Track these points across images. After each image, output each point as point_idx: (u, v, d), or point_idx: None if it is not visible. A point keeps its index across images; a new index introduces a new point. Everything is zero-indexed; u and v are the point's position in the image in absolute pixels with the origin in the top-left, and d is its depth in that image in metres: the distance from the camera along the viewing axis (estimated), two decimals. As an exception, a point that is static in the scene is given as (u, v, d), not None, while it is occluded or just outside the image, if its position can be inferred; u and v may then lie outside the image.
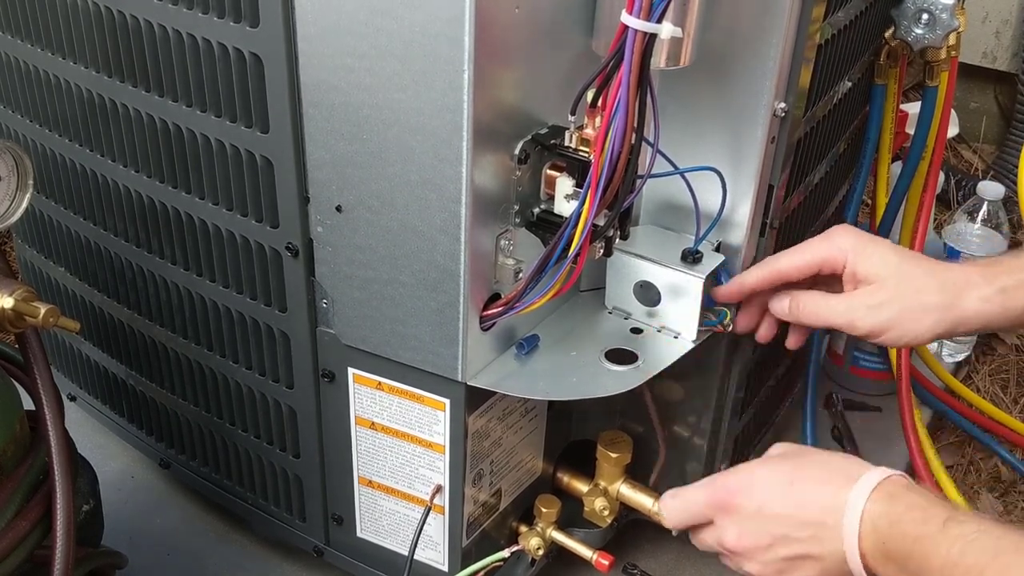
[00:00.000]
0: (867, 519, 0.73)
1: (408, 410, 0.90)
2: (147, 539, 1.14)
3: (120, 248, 1.02)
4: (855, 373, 1.43)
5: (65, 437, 0.81)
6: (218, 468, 1.10)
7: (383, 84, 0.75)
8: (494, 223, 0.80)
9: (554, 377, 0.87)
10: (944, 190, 1.97)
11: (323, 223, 0.84)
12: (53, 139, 1.02)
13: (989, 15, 2.11)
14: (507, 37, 0.73)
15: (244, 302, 0.93)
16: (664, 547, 1.15)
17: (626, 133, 0.73)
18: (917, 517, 0.71)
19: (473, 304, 0.81)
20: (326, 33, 0.75)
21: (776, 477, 0.80)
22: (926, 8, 1.05)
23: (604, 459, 1.01)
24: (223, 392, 1.02)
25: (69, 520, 0.78)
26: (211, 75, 0.83)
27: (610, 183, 0.75)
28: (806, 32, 0.84)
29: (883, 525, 0.72)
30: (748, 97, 0.85)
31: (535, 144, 0.79)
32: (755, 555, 0.80)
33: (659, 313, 0.92)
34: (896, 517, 0.72)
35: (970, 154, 2.23)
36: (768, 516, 0.78)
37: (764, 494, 0.79)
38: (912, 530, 0.71)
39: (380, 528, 1.00)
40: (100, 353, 1.15)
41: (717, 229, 0.90)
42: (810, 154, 0.99)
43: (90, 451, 0.96)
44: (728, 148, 0.87)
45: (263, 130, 0.82)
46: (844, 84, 1.03)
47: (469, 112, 0.72)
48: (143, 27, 0.85)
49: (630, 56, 0.70)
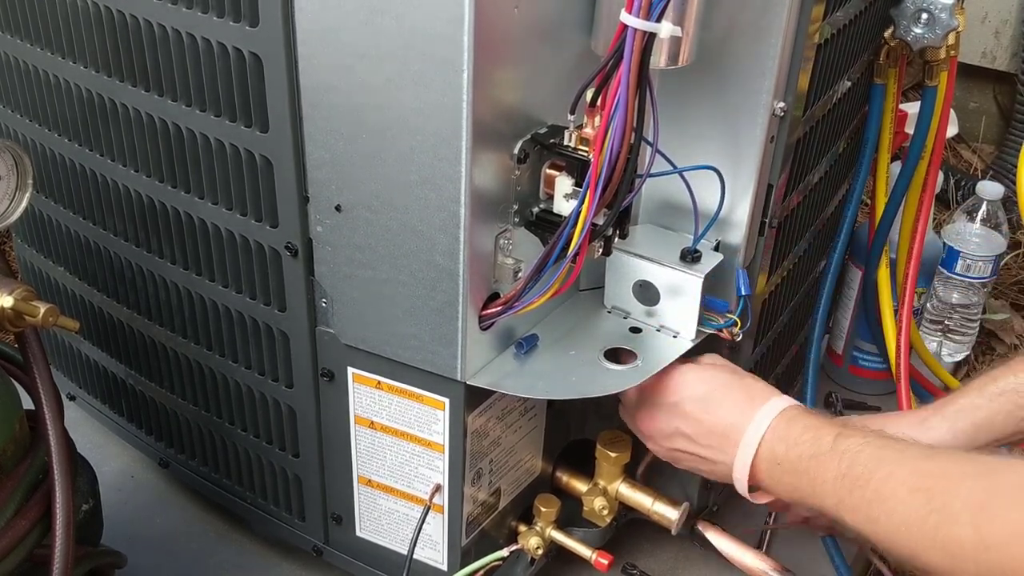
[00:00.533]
0: (765, 443, 0.82)
1: (407, 409, 0.90)
2: (146, 538, 1.14)
3: (120, 248, 1.02)
4: (854, 373, 1.43)
5: (65, 437, 0.81)
6: (217, 468, 1.10)
7: (383, 84, 0.75)
8: (493, 222, 0.80)
9: (553, 376, 0.87)
10: (943, 190, 1.97)
11: (322, 223, 0.84)
12: (52, 138, 1.02)
13: (989, 15, 2.11)
14: (506, 37, 0.73)
15: (244, 301, 0.93)
16: (663, 547, 1.16)
17: (625, 132, 0.73)
18: (810, 438, 0.79)
19: (472, 303, 0.81)
20: (326, 33, 0.76)
21: (700, 384, 0.88)
22: (925, 8, 1.05)
23: (603, 458, 1.01)
24: (223, 391, 1.02)
25: (68, 519, 0.78)
26: (211, 75, 0.83)
27: (609, 182, 0.75)
28: (805, 32, 0.84)
29: (780, 449, 0.81)
30: (747, 96, 0.85)
31: (534, 143, 0.79)
32: (657, 439, 0.91)
33: (658, 312, 0.92)
34: (793, 440, 0.80)
35: (969, 154, 2.23)
36: (679, 413, 0.88)
37: (684, 393, 0.88)
38: (807, 450, 0.79)
39: (379, 527, 1.00)
40: (100, 353, 1.16)
41: (716, 228, 0.91)
42: (809, 153, 0.99)
43: (89, 451, 0.96)
44: (727, 147, 0.88)
45: (263, 130, 0.82)
46: (843, 84, 1.03)
47: (468, 112, 0.72)
48: (143, 26, 0.85)
49: (629, 55, 0.70)
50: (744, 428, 0.83)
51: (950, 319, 1.46)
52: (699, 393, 0.87)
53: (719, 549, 1.06)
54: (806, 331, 1.25)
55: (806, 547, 1.18)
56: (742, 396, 0.86)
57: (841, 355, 1.43)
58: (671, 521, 1.01)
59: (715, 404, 0.86)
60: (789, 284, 1.09)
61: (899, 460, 0.73)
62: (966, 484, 0.68)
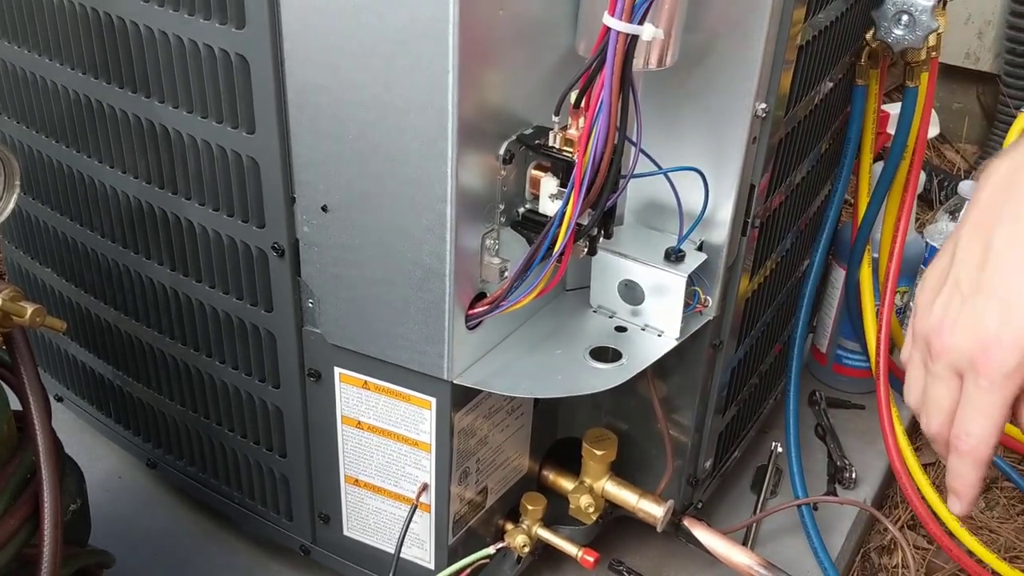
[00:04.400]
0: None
1: (394, 409, 0.91)
2: (134, 538, 1.14)
3: (107, 249, 1.02)
4: (838, 371, 1.44)
5: (52, 437, 0.81)
6: (205, 468, 1.10)
7: (369, 85, 0.75)
8: (479, 222, 0.80)
9: (539, 375, 0.88)
10: (927, 190, 1.98)
11: (309, 223, 0.84)
12: (40, 140, 1.03)
13: (972, 16, 2.12)
14: (492, 38, 0.74)
15: (230, 302, 0.94)
16: (649, 544, 1.16)
17: (609, 133, 0.74)
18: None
19: (459, 303, 0.82)
20: (311, 34, 0.76)
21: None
22: (906, 10, 1.06)
23: (589, 456, 1.02)
24: (209, 392, 1.02)
25: (56, 519, 0.79)
26: (197, 76, 0.83)
27: (593, 183, 0.76)
28: (787, 33, 0.85)
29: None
30: (729, 98, 0.86)
31: (520, 144, 0.80)
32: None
33: (643, 311, 0.93)
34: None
35: (953, 154, 2.25)
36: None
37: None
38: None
39: (367, 526, 1.00)
40: (87, 354, 1.16)
41: (700, 228, 0.91)
42: (791, 154, 1.00)
43: (77, 451, 0.96)
44: (710, 148, 0.88)
45: (249, 131, 0.83)
46: (825, 85, 1.04)
47: (454, 112, 0.73)
48: (129, 28, 0.86)
49: (612, 57, 0.71)
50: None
51: (933, 318, 1.46)
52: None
53: (705, 545, 1.07)
54: (789, 330, 1.26)
55: (792, 543, 1.19)
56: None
57: (825, 354, 1.44)
58: (656, 518, 1.02)
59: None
60: (772, 283, 1.10)
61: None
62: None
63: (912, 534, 1.29)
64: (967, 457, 0.60)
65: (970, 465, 0.60)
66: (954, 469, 0.61)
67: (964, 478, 0.61)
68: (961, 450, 0.60)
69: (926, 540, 1.28)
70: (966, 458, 0.60)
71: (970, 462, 0.60)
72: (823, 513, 1.22)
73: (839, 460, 1.31)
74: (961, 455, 0.60)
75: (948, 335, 0.59)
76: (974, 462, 0.60)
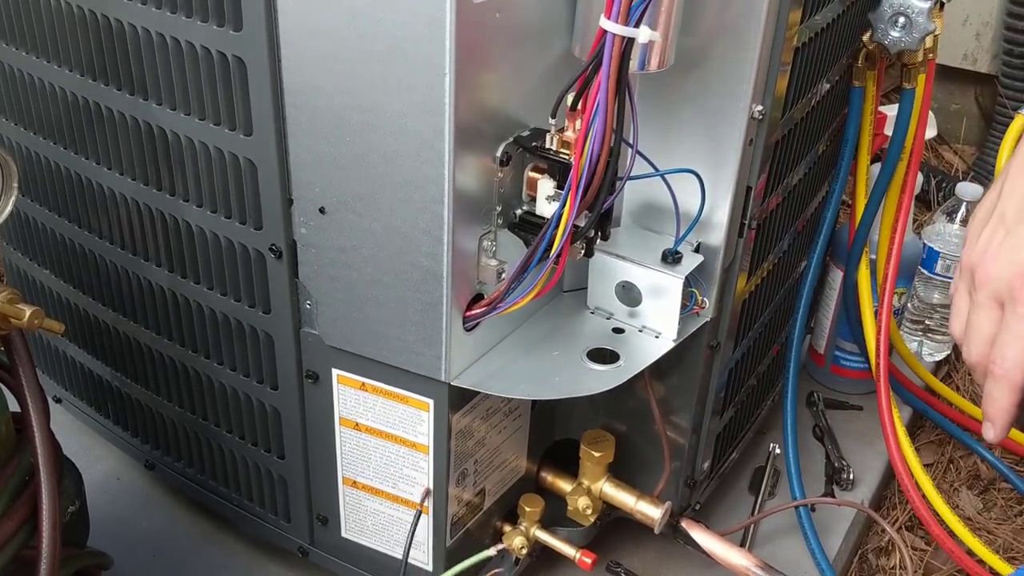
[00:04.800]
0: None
1: (392, 410, 0.91)
2: (132, 540, 1.14)
3: (105, 250, 1.02)
4: (836, 372, 1.44)
5: (50, 439, 0.82)
6: (203, 469, 1.10)
7: (365, 86, 0.75)
8: (477, 224, 0.81)
9: (537, 377, 0.88)
10: (925, 191, 1.98)
11: (306, 225, 0.84)
12: (38, 142, 1.03)
13: (970, 17, 2.12)
14: (488, 41, 0.74)
15: (228, 304, 0.94)
16: (647, 545, 1.16)
17: (605, 136, 0.74)
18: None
19: (456, 304, 0.82)
20: (309, 36, 0.76)
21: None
22: (902, 12, 1.06)
23: (587, 458, 1.02)
24: (207, 393, 1.02)
25: (55, 521, 0.79)
26: (195, 78, 0.84)
27: (590, 185, 0.76)
28: (783, 35, 0.85)
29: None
30: (726, 100, 0.86)
31: (517, 146, 0.80)
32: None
33: (640, 313, 0.93)
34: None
35: (951, 155, 2.25)
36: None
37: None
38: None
39: (365, 528, 1.00)
40: (85, 355, 1.16)
41: (696, 230, 0.91)
42: (788, 156, 1.00)
43: (75, 453, 0.96)
44: (707, 150, 0.88)
45: (246, 133, 0.83)
46: (822, 86, 1.04)
47: (451, 115, 0.73)
48: (127, 30, 0.86)
49: (608, 60, 0.71)
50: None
51: (931, 319, 1.47)
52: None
53: (703, 547, 1.08)
54: (787, 331, 1.26)
55: (790, 545, 1.19)
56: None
57: (823, 355, 1.44)
58: (654, 520, 1.02)
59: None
60: (770, 284, 1.10)
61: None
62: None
63: (910, 535, 1.29)
64: (1002, 381, 0.61)
65: (1004, 389, 0.62)
66: (989, 394, 0.63)
67: (998, 402, 0.62)
68: (996, 374, 0.62)
69: (924, 541, 1.28)
70: (1001, 382, 0.61)
71: (1005, 386, 0.61)
72: (821, 514, 1.22)
73: (837, 461, 1.31)
74: (996, 379, 0.62)
75: (991, 263, 0.61)
76: (1009, 386, 0.61)
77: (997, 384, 0.62)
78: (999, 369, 0.61)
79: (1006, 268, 0.60)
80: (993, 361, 0.62)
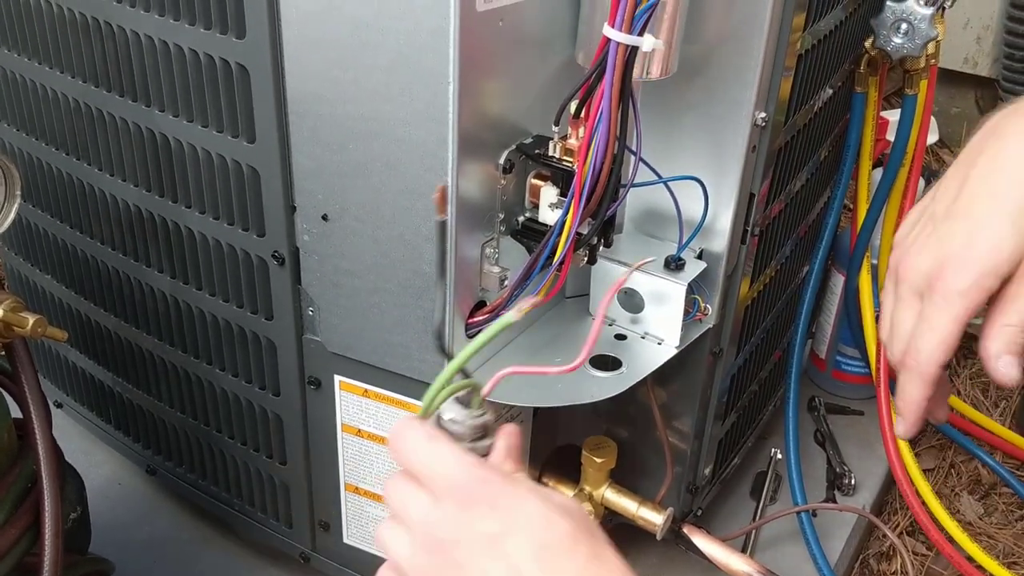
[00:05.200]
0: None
1: (394, 417, 0.91)
2: (134, 545, 1.14)
3: (107, 257, 1.02)
4: (837, 377, 1.44)
5: (52, 445, 0.82)
6: (205, 475, 1.10)
7: (369, 95, 0.75)
8: (479, 231, 0.80)
9: (539, 384, 0.88)
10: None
11: (309, 232, 0.84)
12: (41, 149, 1.03)
13: (971, 21, 2.13)
14: (492, 49, 0.74)
15: (231, 310, 0.94)
16: (649, 551, 1.16)
17: (609, 143, 0.74)
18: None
19: (459, 312, 0.82)
20: (312, 44, 0.76)
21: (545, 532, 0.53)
22: (905, 18, 1.06)
23: (589, 464, 1.02)
24: (209, 399, 1.02)
25: (57, 527, 0.79)
26: (198, 86, 0.84)
27: (593, 192, 0.76)
28: (787, 42, 0.85)
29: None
30: (729, 107, 0.86)
31: (520, 154, 0.80)
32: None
33: (643, 319, 0.93)
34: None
35: (952, 159, 2.25)
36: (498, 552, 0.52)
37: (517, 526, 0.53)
38: None
39: (366, 534, 1.00)
40: (87, 361, 1.16)
41: (699, 237, 0.91)
42: (791, 162, 1.00)
43: (77, 458, 0.96)
44: (710, 157, 0.88)
45: (249, 140, 0.83)
46: (825, 92, 1.04)
47: (454, 123, 0.73)
48: (130, 37, 0.86)
49: (612, 68, 0.71)
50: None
51: (932, 323, 1.47)
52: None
53: (705, 553, 1.07)
54: (789, 336, 1.26)
55: (791, 550, 1.19)
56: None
57: (824, 360, 1.44)
58: (656, 525, 1.02)
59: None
60: (772, 290, 1.10)
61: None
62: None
63: (911, 540, 1.29)
64: (913, 372, 0.59)
65: (916, 382, 0.59)
66: (901, 387, 0.61)
67: (908, 395, 0.60)
68: (908, 366, 0.59)
69: (925, 546, 1.28)
70: (912, 373, 0.59)
71: (916, 378, 0.59)
72: (822, 519, 1.22)
73: (838, 466, 1.31)
74: (908, 371, 0.60)
75: (914, 258, 0.60)
76: (920, 379, 0.59)
77: (909, 376, 0.60)
78: (911, 360, 0.59)
79: (927, 261, 0.58)
80: (907, 354, 0.59)
